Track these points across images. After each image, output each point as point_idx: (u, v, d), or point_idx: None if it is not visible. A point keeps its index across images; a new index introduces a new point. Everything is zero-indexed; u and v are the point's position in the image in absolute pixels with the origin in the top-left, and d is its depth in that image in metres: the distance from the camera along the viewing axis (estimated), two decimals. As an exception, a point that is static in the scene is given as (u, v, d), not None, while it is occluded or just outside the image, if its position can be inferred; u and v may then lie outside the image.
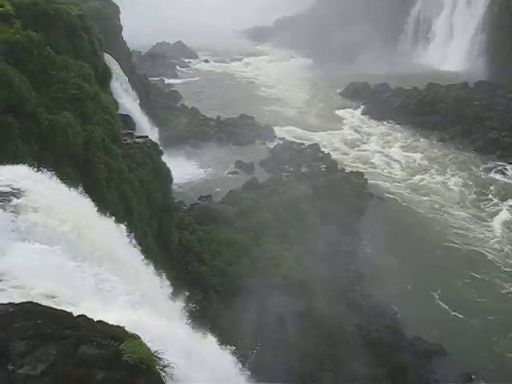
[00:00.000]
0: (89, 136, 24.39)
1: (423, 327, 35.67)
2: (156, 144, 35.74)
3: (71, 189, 16.90)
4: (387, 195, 53.75)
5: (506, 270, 42.17)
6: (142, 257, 19.60)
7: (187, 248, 36.94)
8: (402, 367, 31.72)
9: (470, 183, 57.03)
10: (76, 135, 23.14)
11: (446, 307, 37.49)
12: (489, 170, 60.33)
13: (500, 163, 61.89)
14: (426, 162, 62.41)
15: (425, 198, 53.62)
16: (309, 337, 31.08)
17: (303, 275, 35.52)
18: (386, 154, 64.51)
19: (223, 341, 18.08)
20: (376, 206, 51.04)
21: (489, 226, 48.67)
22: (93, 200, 17.53)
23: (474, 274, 41.27)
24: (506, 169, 60.55)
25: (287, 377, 27.13)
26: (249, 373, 17.39)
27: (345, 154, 64.46)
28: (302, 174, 55.64)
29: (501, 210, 51.57)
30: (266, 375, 24.11)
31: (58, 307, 10.42)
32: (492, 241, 46.21)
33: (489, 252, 44.35)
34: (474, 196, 54.47)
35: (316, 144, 64.17)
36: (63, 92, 24.18)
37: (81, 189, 17.92)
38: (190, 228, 39.48)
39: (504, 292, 39.67)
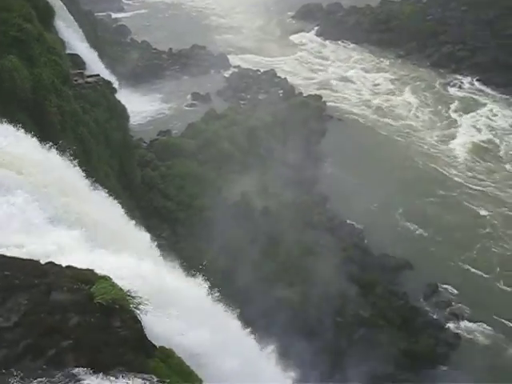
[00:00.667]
0: (37, 79, 23.49)
1: (390, 244, 36.60)
2: (109, 82, 34.75)
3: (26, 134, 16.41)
4: (347, 116, 53.84)
5: (470, 188, 43.05)
6: (107, 195, 19.42)
7: (151, 185, 36.68)
8: (372, 283, 32.72)
9: (430, 101, 57.41)
10: (24, 79, 22.26)
11: (412, 225, 38.43)
12: (446, 85, 60.75)
13: (456, 76, 62.34)
14: (384, 82, 62.41)
15: (385, 119, 53.88)
16: (277, 261, 31.55)
17: (268, 202, 35.77)
18: (342, 75, 64.20)
19: (190, 271, 18.30)
20: (336, 129, 51.16)
21: (451, 145, 49.33)
22: (46, 143, 17.00)
23: (439, 193, 42.13)
24: (462, 82, 61.07)
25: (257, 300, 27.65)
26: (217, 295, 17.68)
27: (301, 77, 63.93)
28: (260, 101, 55.19)
29: (460, 126, 52.23)
30: (237, 299, 24.41)
31: (26, 256, 10.32)
32: (455, 160, 46.95)
33: (452, 171, 45.09)
34: (434, 114, 54.94)
35: (272, 70, 63.43)
36: (5, 35, 23.08)
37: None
38: (151, 165, 39.08)
39: (468, 209, 40.67)
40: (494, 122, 52.83)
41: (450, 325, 31.81)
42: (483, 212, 40.33)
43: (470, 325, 31.77)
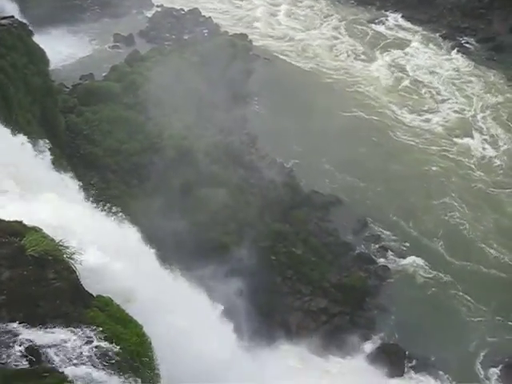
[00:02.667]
0: None
1: (318, 182, 37.17)
2: (24, 24, 32.88)
3: None
4: (275, 56, 53.32)
5: (397, 126, 43.81)
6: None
7: (76, 131, 35.46)
8: (303, 220, 33.34)
9: (355, 38, 57.37)
10: None
11: (340, 163, 38.88)
12: (372, 22, 60.82)
13: (382, 13, 62.59)
14: (310, 19, 61.80)
15: (314, 58, 53.66)
16: (210, 203, 31.49)
17: (197, 143, 35.36)
18: (269, 13, 63.21)
19: (125, 217, 18.12)
20: (264, 68, 50.62)
21: (379, 84, 49.75)
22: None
23: (366, 135, 42.58)
24: (387, 19, 61.39)
25: (194, 245, 27.77)
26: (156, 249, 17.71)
27: (227, 16, 62.61)
28: (185, 42, 53.83)
29: (383, 65, 52.69)
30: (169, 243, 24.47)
31: None
32: (378, 100, 47.44)
33: (384, 115, 45.52)
34: (359, 52, 55.04)
35: (196, 9, 61.62)
36: None
37: None
38: (75, 110, 37.68)
39: (399, 150, 41.46)
40: (417, 59, 53.67)
41: (380, 258, 33.01)
42: (414, 150, 41.36)
43: (399, 258, 33.08)
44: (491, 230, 34.62)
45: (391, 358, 27.66)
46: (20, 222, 10.37)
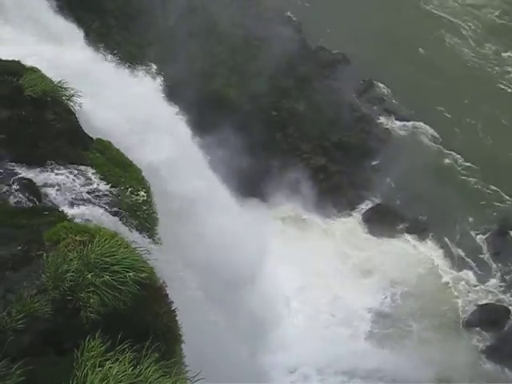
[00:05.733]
0: None
1: (327, 39, 35.93)
2: None
3: None
4: None
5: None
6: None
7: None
8: (308, 77, 32.54)
9: None
10: None
11: (351, 22, 36.97)
12: None
13: None
14: None
15: None
16: (213, 54, 30.53)
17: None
18: None
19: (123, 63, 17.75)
20: None
21: None
22: None
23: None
24: None
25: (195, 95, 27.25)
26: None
27: None
28: None
29: None
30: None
31: None
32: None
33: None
34: None
35: None
36: None
37: None
38: None
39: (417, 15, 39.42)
40: None
41: (382, 120, 32.73)
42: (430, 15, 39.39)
43: (403, 122, 32.76)
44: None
45: (385, 218, 28.44)
46: (18, 62, 10.10)
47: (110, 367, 6.06)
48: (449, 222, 28.88)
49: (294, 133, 29.70)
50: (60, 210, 8.22)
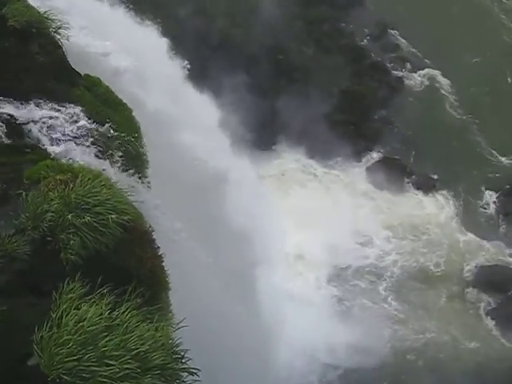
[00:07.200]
0: None
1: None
2: None
3: None
4: None
5: None
6: None
7: None
8: (319, 19, 31.25)
9: None
10: None
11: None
12: None
13: None
14: None
15: None
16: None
17: None
18: None
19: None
20: None
21: None
22: None
23: None
24: None
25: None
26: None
27: None
28: None
29: None
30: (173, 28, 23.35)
31: None
32: None
33: None
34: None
35: None
36: None
37: None
38: None
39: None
40: None
41: (395, 69, 31.59)
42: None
43: (417, 71, 31.60)
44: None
45: (392, 172, 27.76)
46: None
47: (87, 310, 5.83)
48: (459, 180, 28.20)
49: (300, 78, 28.73)
50: (43, 147, 7.90)
